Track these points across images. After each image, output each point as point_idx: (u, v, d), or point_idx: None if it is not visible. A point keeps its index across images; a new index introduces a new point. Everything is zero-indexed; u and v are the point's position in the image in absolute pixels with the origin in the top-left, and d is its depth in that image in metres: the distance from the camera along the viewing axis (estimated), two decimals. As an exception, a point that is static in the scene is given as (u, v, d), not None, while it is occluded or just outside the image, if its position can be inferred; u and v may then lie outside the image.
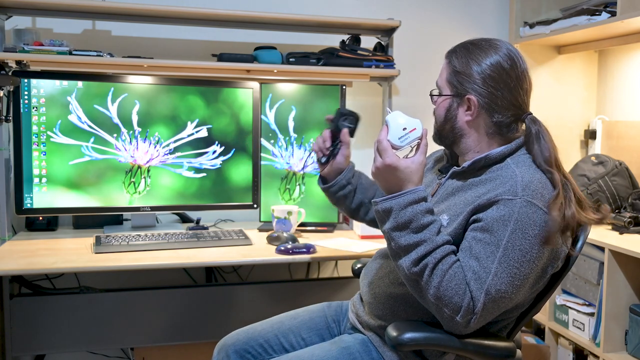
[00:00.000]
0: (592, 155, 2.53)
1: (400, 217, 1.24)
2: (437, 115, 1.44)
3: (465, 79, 1.36)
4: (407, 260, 1.23)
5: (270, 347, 1.54)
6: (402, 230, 1.24)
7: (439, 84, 1.43)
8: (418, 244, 1.22)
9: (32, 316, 2.11)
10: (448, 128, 1.41)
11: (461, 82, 1.37)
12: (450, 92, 1.39)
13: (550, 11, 2.74)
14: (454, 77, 1.38)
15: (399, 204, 1.24)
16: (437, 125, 1.44)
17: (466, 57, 1.37)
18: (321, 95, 2.39)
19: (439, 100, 1.42)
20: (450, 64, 1.40)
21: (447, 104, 1.40)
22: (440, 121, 1.42)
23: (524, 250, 1.21)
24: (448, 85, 1.40)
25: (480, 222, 1.25)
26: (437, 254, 1.22)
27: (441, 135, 1.44)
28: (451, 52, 1.42)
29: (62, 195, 2.15)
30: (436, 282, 1.20)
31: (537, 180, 1.27)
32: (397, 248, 1.25)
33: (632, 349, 2.07)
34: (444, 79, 1.41)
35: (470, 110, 1.36)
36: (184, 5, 2.34)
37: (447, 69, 1.41)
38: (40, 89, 2.10)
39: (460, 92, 1.37)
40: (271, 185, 2.40)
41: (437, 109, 1.44)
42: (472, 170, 1.37)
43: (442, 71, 1.43)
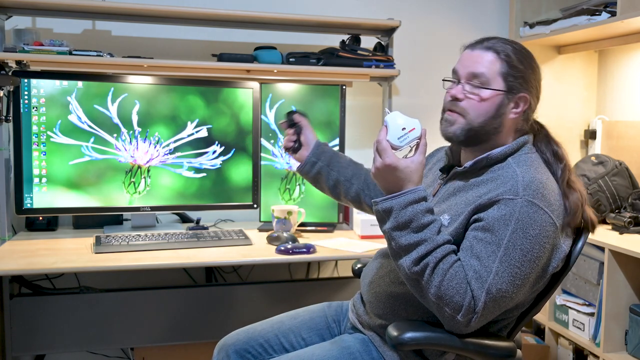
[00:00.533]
0: (592, 155, 2.53)
1: (401, 216, 1.23)
2: (483, 109, 1.34)
3: (521, 75, 1.35)
4: (408, 259, 1.23)
5: (270, 347, 1.54)
6: (402, 229, 1.24)
7: (487, 76, 1.34)
8: (419, 243, 1.22)
9: (32, 316, 2.11)
10: (494, 125, 1.35)
11: (517, 78, 1.34)
12: (504, 87, 1.34)
13: (550, 11, 2.74)
14: (509, 72, 1.34)
15: (399, 203, 1.24)
16: (481, 121, 1.34)
17: (519, 53, 1.36)
18: (321, 95, 2.39)
19: (486, 94, 1.34)
20: (503, 58, 1.34)
21: (500, 100, 1.34)
22: (488, 116, 1.34)
23: (525, 250, 1.22)
24: (501, 79, 1.34)
25: (481, 222, 1.25)
26: (437, 253, 1.22)
27: (479, 132, 1.35)
28: (493, 45, 1.35)
29: (62, 195, 2.15)
30: (437, 281, 1.20)
31: (538, 180, 1.27)
32: (398, 248, 1.25)
33: (632, 349, 2.07)
34: (495, 72, 1.34)
35: (517, 108, 1.36)
36: (184, 5, 2.34)
37: (497, 62, 1.34)
38: (40, 89, 2.10)
39: (514, 88, 1.35)
40: (271, 185, 2.40)
41: (482, 103, 1.34)
42: (474, 170, 1.37)
43: (486, 63, 1.34)
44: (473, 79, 1.35)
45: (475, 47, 1.38)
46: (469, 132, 1.36)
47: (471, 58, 1.37)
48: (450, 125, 1.38)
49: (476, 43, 1.39)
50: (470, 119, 1.35)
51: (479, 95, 1.34)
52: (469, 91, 1.35)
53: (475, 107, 1.35)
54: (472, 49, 1.38)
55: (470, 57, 1.37)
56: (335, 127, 2.39)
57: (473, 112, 1.35)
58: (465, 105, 1.36)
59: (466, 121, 1.36)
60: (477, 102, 1.34)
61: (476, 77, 1.35)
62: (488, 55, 1.35)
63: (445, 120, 1.40)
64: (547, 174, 1.34)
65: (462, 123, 1.36)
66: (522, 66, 1.35)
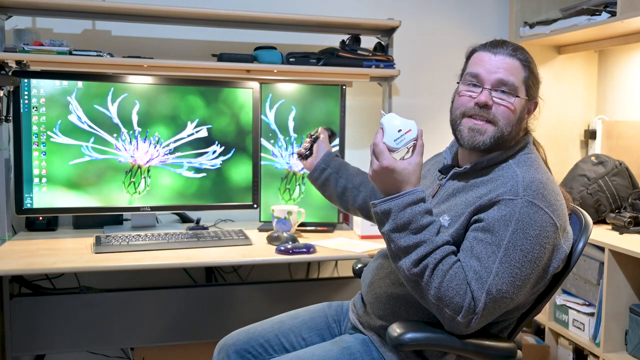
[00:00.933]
0: (592, 155, 2.53)
1: (399, 218, 1.23)
2: (512, 117, 1.34)
3: (537, 82, 1.38)
4: (407, 261, 1.23)
5: (270, 347, 1.54)
6: (401, 231, 1.23)
7: (516, 83, 1.33)
8: (418, 244, 1.22)
9: (32, 316, 2.11)
10: (516, 131, 1.36)
11: (534, 85, 1.38)
12: (525, 94, 1.36)
13: (550, 11, 2.74)
14: (530, 80, 1.36)
15: (398, 205, 1.24)
16: (510, 129, 1.34)
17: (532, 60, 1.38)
18: (321, 95, 2.39)
19: (517, 103, 1.34)
20: (526, 66, 1.35)
21: (522, 107, 1.35)
22: (514, 123, 1.34)
23: (525, 251, 1.21)
24: (524, 87, 1.35)
25: (481, 223, 1.25)
26: (437, 254, 1.21)
27: (507, 139, 1.35)
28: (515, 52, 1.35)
29: (62, 195, 2.15)
30: (437, 282, 1.20)
31: (538, 181, 1.27)
32: (397, 249, 1.24)
33: (632, 349, 2.07)
34: (520, 80, 1.34)
35: (530, 113, 1.39)
36: (184, 5, 2.34)
37: (521, 70, 1.34)
38: (40, 89, 2.10)
39: (532, 95, 1.38)
40: (271, 185, 2.40)
41: (513, 111, 1.34)
42: (474, 170, 1.37)
43: (514, 70, 1.34)
44: (502, 86, 1.33)
45: (497, 52, 1.35)
46: (498, 140, 1.34)
47: (496, 63, 1.34)
48: (480, 134, 1.34)
49: (495, 46, 1.36)
50: (501, 127, 1.33)
51: (510, 103, 1.33)
52: (498, 98, 1.33)
53: (506, 116, 1.33)
54: (494, 54, 1.35)
55: (495, 62, 1.34)
56: (335, 127, 2.38)
57: (504, 120, 1.33)
58: (495, 112, 1.33)
59: (497, 129, 1.34)
60: (509, 111, 1.33)
61: (505, 84, 1.33)
62: (514, 62, 1.34)
63: (472, 129, 1.35)
64: (548, 174, 1.34)
65: (492, 131, 1.34)
66: (537, 72, 1.39)
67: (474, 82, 1.36)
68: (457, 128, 1.38)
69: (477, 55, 1.38)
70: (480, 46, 1.39)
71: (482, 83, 1.34)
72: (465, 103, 1.36)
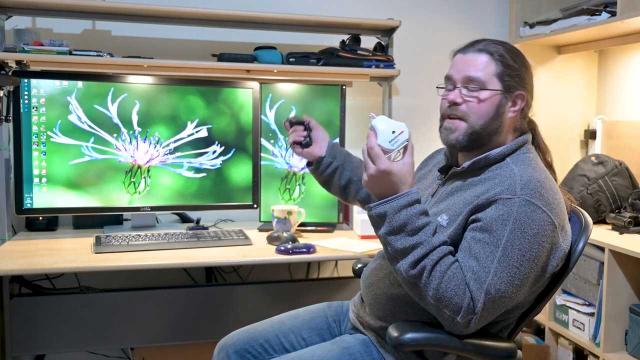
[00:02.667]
0: (592, 155, 2.53)
1: (395, 220, 1.23)
2: (483, 111, 1.35)
3: (516, 73, 1.36)
4: (405, 263, 1.22)
5: (270, 347, 1.54)
6: (397, 233, 1.23)
7: (482, 78, 1.35)
8: (415, 246, 1.22)
9: (32, 316, 2.11)
10: (495, 125, 1.36)
11: (512, 77, 1.36)
12: (501, 87, 1.35)
13: (550, 11, 2.74)
14: (505, 72, 1.35)
15: (393, 207, 1.23)
16: (482, 123, 1.35)
17: (511, 52, 1.38)
18: (321, 95, 2.39)
19: (485, 95, 1.35)
20: (497, 59, 1.35)
21: (498, 100, 1.35)
22: (489, 118, 1.35)
23: (524, 250, 1.21)
24: (497, 79, 1.35)
25: (479, 222, 1.25)
26: (434, 255, 1.21)
27: (482, 134, 1.36)
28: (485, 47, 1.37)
29: (62, 195, 2.15)
30: (435, 283, 1.20)
31: (535, 179, 1.27)
32: (394, 252, 1.24)
33: (632, 349, 2.07)
34: (491, 73, 1.35)
35: (515, 106, 1.37)
36: (184, 5, 2.34)
37: (491, 63, 1.35)
38: (40, 89, 2.10)
39: (510, 87, 1.36)
40: (271, 185, 2.40)
41: (482, 105, 1.35)
42: (472, 170, 1.38)
43: (480, 65, 1.35)
44: (469, 83, 1.36)
45: (468, 51, 1.39)
46: (471, 135, 1.36)
47: (465, 62, 1.38)
48: (452, 132, 1.38)
49: (467, 47, 1.40)
50: (471, 122, 1.36)
51: (477, 97, 1.35)
52: (466, 94, 1.36)
53: (475, 110, 1.35)
54: (464, 53, 1.39)
55: (464, 61, 1.38)
56: (335, 127, 2.39)
57: (474, 114, 1.35)
58: (464, 108, 1.36)
59: (468, 125, 1.36)
60: (477, 104, 1.35)
61: (472, 80, 1.35)
62: (482, 57, 1.36)
63: (445, 128, 1.40)
64: (546, 173, 1.34)
65: (464, 128, 1.36)
66: (517, 65, 1.37)
67: (447, 84, 1.41)
68: (440, 130, 1.43)
69: (453, 59, 1.43)
70: (457, 49, 1.43)
71: (454, 83, 1.39)
72: (443, 105, 1.41)
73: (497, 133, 1.37)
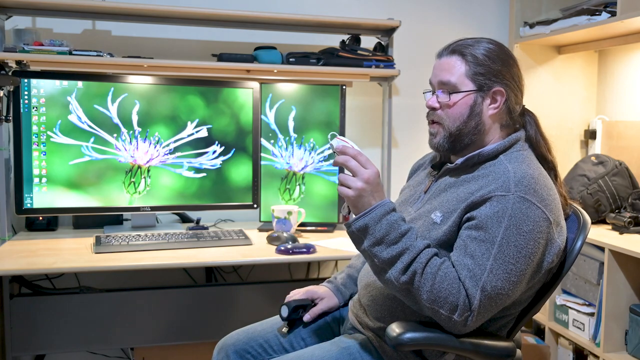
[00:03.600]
0: (592, 155, 2.53)
1: (378, 230, 1.23)
2: (456, 114, 1.36)
3: (489, 71, 1.36)
4: (394, 271, 1.22)
5: (270, 347, 1.54)
6: (381, 243, 1.23)
7: (453, 81, 1.36)
8: (401, 253, 1.22)
9: (32, 316, 2.11)
10: (472, 125, 1.36)
11: (485, 75, 1.35)
12: (473, 87, 1.35)
13: (550, 11, 2.74)
14: (477, 71, 1.35)
15: (373, 218, 1.23)
16: (457, 125, 1.36)
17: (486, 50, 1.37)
18: (321, 95, 2.39)
19: (456, 98, 1.36)
20: (466, 59, 1.36)
21: (472, 100, 1.36)
22: (463, 119, 1.36)
23: (519, 246, 1.22)
24: (469, 80, 1.35)
25: (474, 220, 1.25)
26: (421, 258, 1.22)
27: (460, 135, 1.37)
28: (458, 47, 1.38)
29: (62, 195, 2.15)
30: (428, 286, 1.20)
31: (529, 176, 1.27)
32: (381, 263, 1.24)
33: (632, 349, 2.07)
34: (462, 75, 1.35)
35: (495, 102, 1.37)
36: (184, 5, 2.34)
37: (462, 64, 1.36)
38: (40, 89, 2.10)
39: (484, 85, 1.36)
40: (271, 185, 2.40)
41: (454, 108, 1.36)
42: (465, 166, 1.38)
43: (451, 68, 1.36)
44: (443, 87, 1.38)
45: (442, 55, 1.41)
46: (449, 138, 1.38)
47: (439, 66, 1.40)
48: (434, 137, 1.41)
49: (443, 50, 1.41)
50: (447, 126, 1.38)
51: (447, 102, 1.37)
52: (441, 99, 1.38)
53: (448, 114, 1.38)
54: (440, 57, 1.41)
55: (439, 65, 1.40)
56: (335, 127, 2.39)
57: (447, 118, 1.38)
58: (441, 113, 1.39)
59: (444, 129, 1.39)
60: (449, 109, 1.37)
61: (444, 84, 1.38)
62: (453, 60, 1.38)
63: (430, 133, 1.43)
64: (540, 169, 1.34)
65: (442, 132, 1.39)
66: (490, 62, 1.36)
67: (429, 90, 1.44)
68: None
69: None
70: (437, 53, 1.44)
71: (433, 88, 1.42)
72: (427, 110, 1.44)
73: (478, 132, 1.38)
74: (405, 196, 1.54)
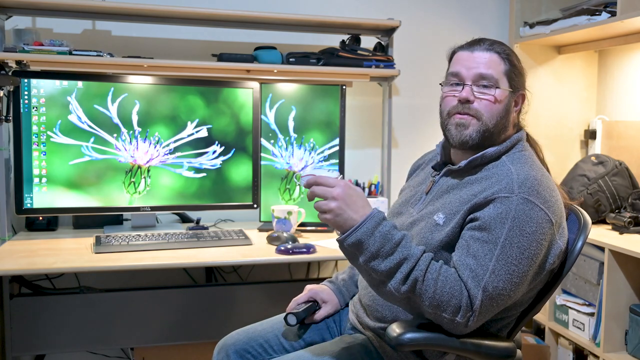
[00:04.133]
0: (592, 155, 2.53)
1: (372, 244, 1.20)
2: (497, 110, 1.35)
3: (520, 74, 1.39)
4: (394, 282, 1.20)
5: (270, 347, 1.54)
6: (377, 257, 1.20)
7: (495, 75, 1.34)
8: (400, 263, 1.20)
9: (32, 316, 2.11)
10: (503, 124, 1.36)
11: (517, 77, 1.38)
12: (509, 86, 1.36)
13: (550, 11, 2.74)
14: (511, 72, 1.36)
15: (365, 232, 1.20)
16: (495, 121, 1.35)
17: (512, 53, 1.39)
18: (321, 95, 2.39)
19: (499, 94, 1.35)
20: (504, 58, 1.36)
21: (507, 99, 1.36)
22: (501, 116, 1.35)
23: (522, 248, 1.22)
24: (506, 79, 1.36)
25: (477, 221, 1.25)
26: (421, 265, 1.20)
27: (493, 132, 1.35)
28: (497, 45, 1.37)
29: (62, 195, 2.15)
30: (430, 292, 1.19)
31: (532, 178, 1.27)
32: (380, 276, 1.21)
33: (632, 349, 2.07)
34: (501, 72, 1.35)
35: (517, 105, 1.40)
36: (184, 5, 2.34)
37: (501, 62, 1.35)
38: (40, 89, 2.10)
39: (516, 87, 1.38)
40: (271, 185, 2.40)
41: (496, 104, 1.34)
42: (468, 168, 1.38)
43: (492, 64, 1.35)
44: (481, 80, 1.35)
45: (475, 49, 1.38)
46: (484, 133, 1.35)
47: (475, 59, 1.36)
48: (465, 128, 1.35)
49: (472, 44, 1.39)
50: (485, 120, 1.35)
51: (492, 96, 1.35)
52: (478, 92, 1.35)
53: (489, 109, 1.35)
54: (472, 51, 1.38)
55: (473, 58, 1.37)
56: (335, 127, 2.39)
57: (487, 113, 1.35)
58: (477, 106, 1.35)
59: (481, 123, 1.35)
60: (491, 104, 1.35)
61: (485, 78, 1.35)
62: (491, 56, 1.36)
63: (458, 124, 1.36)
64: (542, 170, 1.35)
65: (476, 125, 1.35)
66: (519, 65, 1.40)
67: (455, 80, 1.39)
68: (446, 128, 1.40)
69: (456, 56, 1.41)
70: (459, 47, 1.42)
71: (463, 80, 1.37)
72: (450, 102, 1.39)
73: (504, 132, 1.39)
74: (406, 197, 1.54)
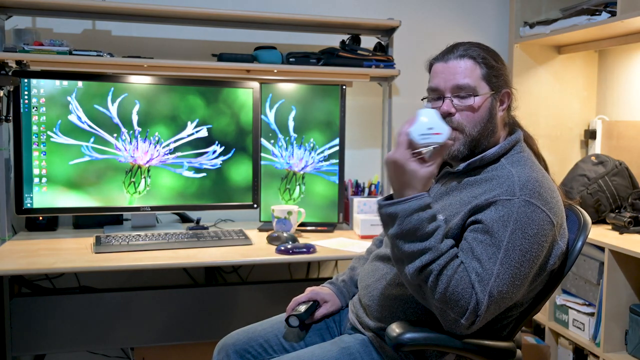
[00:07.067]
0: (592, 155, 2.53)
1: (406, 224, 1.21)
2: (478, 118, 1.34)
3: (500, 73, 1.37)
4: (411, 268, 1.21)
5: (270, 347, 1.54)
6: (406, 237, 1.21)
7: (472, 83, 1.34)
8: (423, 252, 1.20)
9: (32, 316, 2.11)
10: (490, 128, 1.36)
11: (497, 77, 1.36)
12: (490, 89, 1.36)
13: (550, 11, 2.74)
14: (490, 74, 1.36)
15: (405, 210, 1.21)
16: (479, 129, 1.35)
17: (488, 53, 1.38)
18: (321, 95, 2.39)
19: (479, 101, 1.34)
20: (479, 62, 1.35)
21: (489, 103, 1.36)
22: (484, 122, 1.35)
23: (524, 250, 1.22)
24: (485, 82, 1.35)
25: (480, 224, 1.25)
26: (441, 260, 1.20)
27: (480, 139, 1.35)
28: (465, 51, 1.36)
29: (62, 195, 2.15)
30: (442, 287, 1.19)
31: (534, 180, 1.27)
32: (401, 254, 1.23)
33: (632, 349, 2.07)
34: (478, 78, 1.34)
35: (503, 104, 1.39)
36: (184, 5, 2.34)
37: (476, 67, 1.35)
38: (40, 89, 2.10)
39: (498, 87, 1.37)
40: (271, 185, 2.40)
41: (478, 112, 1.34)
42: (467, 170, 1.38)
43: (467, 71, 1.34)
44: (459, 91, 1.35)
45: (448, 59, 1.37)
46: (470, 143, 1.36)
47: (449, 70, 1.36)
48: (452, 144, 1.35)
49: (445, 54, 1.39)
50: (468, 131, 1.35)
51: (471, 105, 1.34)
52: (459, 104, 1.35)
53: (470, 119, 1.35)
54: (446, 61, 1.37)
55: (448, 69, 1.36)
56: (335, 127, 2.39)
57: (469, 123, 1.35)
58: (458, 118, 1.35)
59: (465, 135, 1.35)
60: (472, 113, 1.35)
61: (462, 88, 1.34)
62: (465, 63, 1.35)
63: None
64: (542, 171, 1.35)
65: (461, 138, 1.35)
66: (498, 64, 1.38)
67: (435, 95, 1.39)
68: None
69: (433, 68, 1.41)
70: (434, 58, 1.42)
71: (442, 93, 1.37)
72: None
73: (492, 134, 1.38)
74: None
